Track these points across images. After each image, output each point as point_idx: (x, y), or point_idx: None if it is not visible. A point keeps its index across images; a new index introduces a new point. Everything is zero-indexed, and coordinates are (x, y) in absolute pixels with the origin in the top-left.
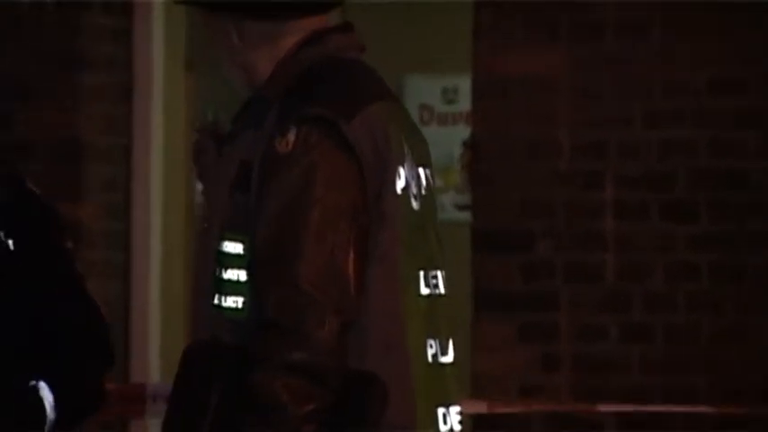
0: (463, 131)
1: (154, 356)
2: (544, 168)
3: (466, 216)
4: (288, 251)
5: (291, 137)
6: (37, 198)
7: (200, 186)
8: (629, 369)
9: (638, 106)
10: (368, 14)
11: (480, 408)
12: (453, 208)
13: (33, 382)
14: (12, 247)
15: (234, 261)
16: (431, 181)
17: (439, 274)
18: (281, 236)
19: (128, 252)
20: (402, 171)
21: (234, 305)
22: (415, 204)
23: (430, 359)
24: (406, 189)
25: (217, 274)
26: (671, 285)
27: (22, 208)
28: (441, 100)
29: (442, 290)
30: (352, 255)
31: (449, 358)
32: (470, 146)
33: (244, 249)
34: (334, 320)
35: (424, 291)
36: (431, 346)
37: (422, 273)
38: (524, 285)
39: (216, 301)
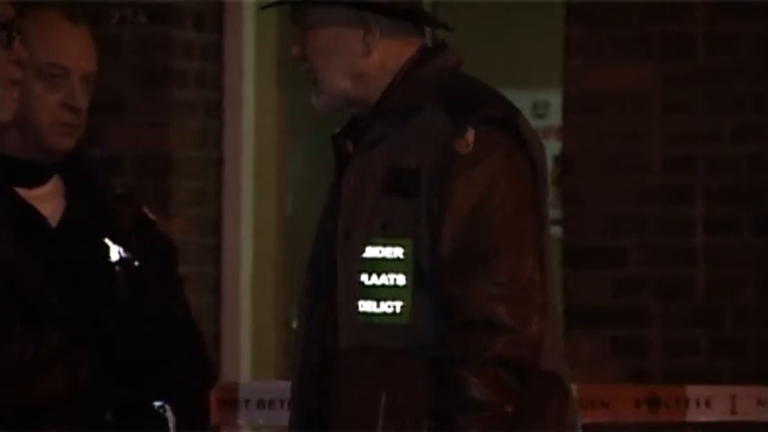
0: (554, 146)
1: (245, 369)
2: (634, 183)
3: (556, 231)
4: (488, 249)
5: (470, 138)
6: (152, 223)
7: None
8: (720, 383)
9: (728, 120)
10: (459, 29)
11: None
12: None
13: (159, 403)
14: (137, 266)
15: (391, 266)
16: None
17: None
18: (478, 235)
19: (219, 266)
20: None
21: (390, 310)
22: None
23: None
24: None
25: (365, 280)
26: (761, 299)
27: (140, 232)
28: (531, 114)
29: None
30: (542, 253)
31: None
32: (561, 161)
33: (404, 253)
34: (538, 317)
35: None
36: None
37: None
38: (615, 300)
39: (365, 308)
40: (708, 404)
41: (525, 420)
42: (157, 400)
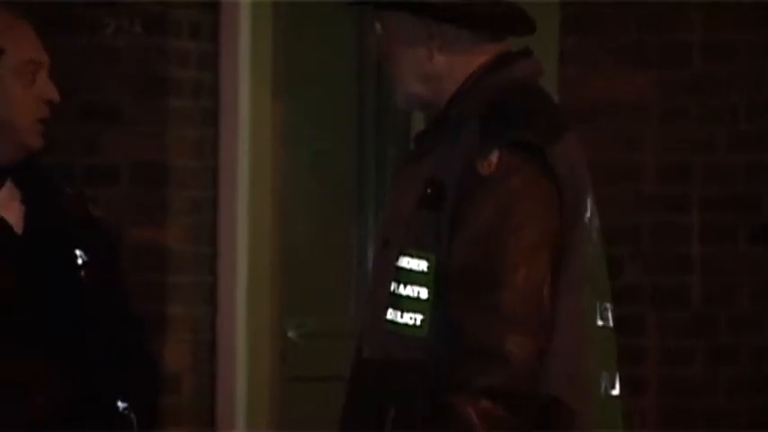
0: None
1: (241, 378)
2: (630, 192)
3: None
4: (489, 276)
5: (494, 159)
6: (99, 221)
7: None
8: (715, 393)
9: (724, 129)
10: None
11: None
12: None
13: (124, 405)
14: (94, 268)
15: (415, 278)
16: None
17: (609, 306)
18: (482, 260)
19: (215, 275)
20: (589, 202)
21: (411, 322)
22: (595, 236)
23: (603, 391)
24: (591, 219)
25: (394, 289)
26: (757, 308)
27: (90, 231)
28: None
29: (611, 323)
30: (548, 282)
31: (617, 391)
32: None
33: (428, 267)
34: (533, 347)
35: (599, 323)
36: (604, 379)
37: (598, 304)
38: None
39: (390, 317)
40: None
41: None
42: (123, 401)
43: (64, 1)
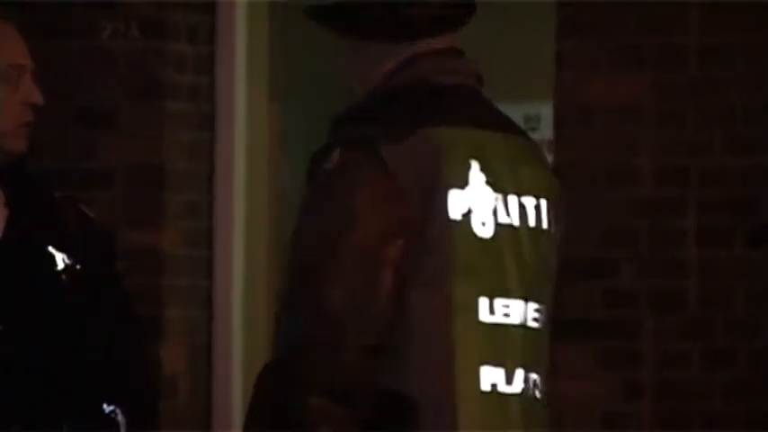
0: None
1: (236, 382)
2: (627, 195)
3: None
4: (316, 272)
5: (335, 156)
6: (91, 221)
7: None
8: (711, 396)
9: (721, 132)
10: None
11: None
12: None
13: (111, 408)
14: (80, 270)
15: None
16: (541, 212)
17: (515, 303)
18: (310, 256)
19: (210, 279)
20: (461, 196)
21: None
22: (483, 231)
23: (487, 388)
24: (468, 215)
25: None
26: (753, 311)
27: (82, 232)
28: (523, 127)
29: (518, 320)
30: (387, 277)
31: (514, 389)
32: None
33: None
34: (359, 342)
35: (487, 318)
36: (488, 375)
37: (484, 300)
38: (607, 313)
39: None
40: None
41: None
42: (110, 403)
43: (60, 4)
